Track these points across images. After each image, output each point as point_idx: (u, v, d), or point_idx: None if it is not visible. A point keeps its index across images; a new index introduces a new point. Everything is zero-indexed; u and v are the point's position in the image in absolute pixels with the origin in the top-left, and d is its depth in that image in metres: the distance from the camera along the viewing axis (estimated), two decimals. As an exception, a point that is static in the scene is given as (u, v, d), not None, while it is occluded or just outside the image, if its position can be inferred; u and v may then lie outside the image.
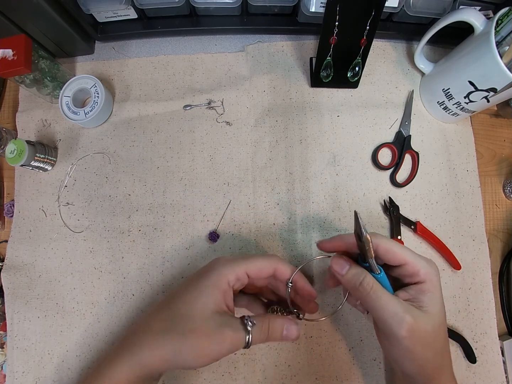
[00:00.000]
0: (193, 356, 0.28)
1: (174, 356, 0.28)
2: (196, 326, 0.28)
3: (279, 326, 0.31)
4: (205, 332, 0.28)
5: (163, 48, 0.48)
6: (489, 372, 0.41)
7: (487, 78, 0.37)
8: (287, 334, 0.31)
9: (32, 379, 0.39)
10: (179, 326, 0.29)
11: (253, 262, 0.32)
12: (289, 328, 0.31)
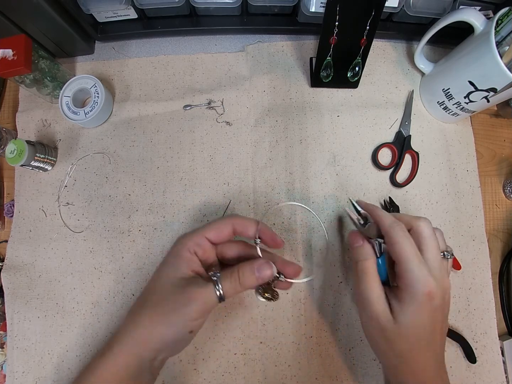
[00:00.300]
0: (165, 323, 0.28)
1: (151, 329, 0.28)
2: (163, 295, 0.29)
3: (248, 268, 0.30)
4: (171, 298, 0.29)
5: (163, 48, 0.48)
6: (489, 372, 0.41)
7: (487, 78, 0.37)
8: (259, 275, 0.30)
9: (32, 379, 0.39)
10: (149, 301, 0.30)
11: (210, 225, 0.32)
12: (260, 268, 0.30)
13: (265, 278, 0.30)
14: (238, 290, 0.30)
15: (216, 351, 0.40)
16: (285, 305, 0.41)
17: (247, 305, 0.41)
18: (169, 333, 0.28)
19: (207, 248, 0.32)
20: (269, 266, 0.30)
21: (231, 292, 0.29)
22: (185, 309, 0.28)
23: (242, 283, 0.29)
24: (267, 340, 0.40)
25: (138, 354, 0.29)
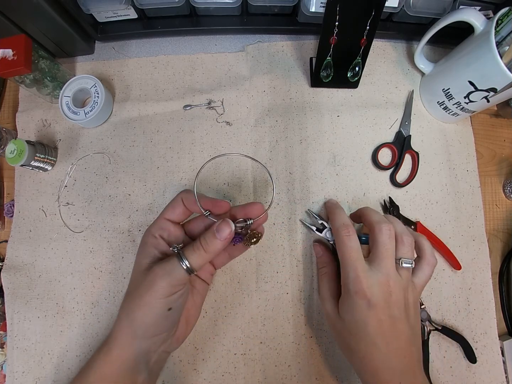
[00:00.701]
0: (141, 306, 0.29)
1: (132, 316, 0.29)
2: (136, 282, 0.31)
3: (209, 234, 0.30)
4: (141, 281, 0.30)
5: (163, 48, 0.48)
6: (489, 372, 0.41)
7: (487, 78, 0.37)
8: (220, 236, 0.29)
9: (32, 379, 0.39)
10: (127, 292, 0.32)
11: (167, 206, 0.33)
12: (219, 229, 0.30)
13: (227, 236, 0.30)
14: (205, 257, 0.29)
15: (216, 351, 0.40)
16: (285, 305, 0.41)
17: (247, 305, 0.41)
18: (147, 314, 0.29)
19: (171, 229, 0.32)
20: (227, 224, 0.30)
21: (199, 261, 0.29)
22: (154, 287, 0.28)
23: (207, 249, 0.29)
24: (267, 340, 0.40)
25: (129, 345, 0.30)
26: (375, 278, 0.32)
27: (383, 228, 0.33)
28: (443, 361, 0.40)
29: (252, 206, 0.33)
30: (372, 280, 0.31)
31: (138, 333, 0.29)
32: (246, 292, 0.41)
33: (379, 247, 0.33)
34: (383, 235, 0.33)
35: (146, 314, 0.29)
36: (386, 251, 0.33)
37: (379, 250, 0.33)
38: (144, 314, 0.29)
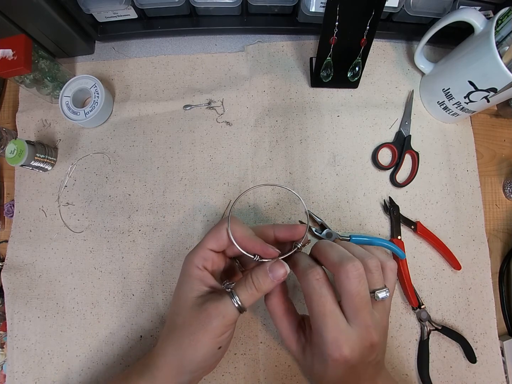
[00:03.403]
0: (193, 345, 0.28)
1: (182, 353, 0.29)
2: (185, 318, 0.29)
3: (262, 273, 0.29)
4: (193, 319, 0.29)
5: (163, 48, 0.48)
6: (489, 372, 0.41)
7: (487, 78, 0.37)
8: (274, 276, 0.29)
9: (32, 379, 0.39)
10: (174, 325, 0.30)
11: (209, 235, 0.32)
12: (272, 268, 0.29)
13: (280, 277, 0.29)
14: (257, 296, 0.29)
15: (216, 351, 0.40)
16: (285, 305, 0.41)
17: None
18: (198, 353, 0.28)
19: (214, 259, 0.32)
20: (282, 266, 0.29)
21: (250, 300, 0.29)
22: (207, 327, 0.28)
23: (259, 288, 0.29)
24: (267, 340, 0.40)
25: (174, 379, 0.29)
26: (355, 335, 0.27)
27: (350, 271, 0.27)
28: (443, 361, 0.40)
29: (295, 229, 0.32)
30: (353, 340, 0.27)
31: (186, 369, 0.29)
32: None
33: (352, 298, 0.27)
34: (352, 281, 0.27)
35: (197, 352, 0.28)
36: (361, 299, 0.28)
37: (353, 301, 0.27)
38: (195, 351, 0.28)
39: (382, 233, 0.43)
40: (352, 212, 0.43)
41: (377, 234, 0.43)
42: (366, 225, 0.43)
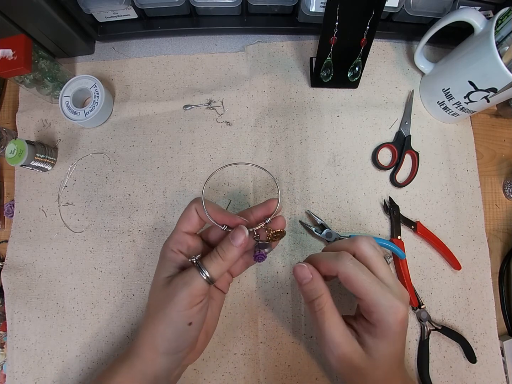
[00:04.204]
0: (162, 320, 0.28)
1: (153, 331, 0.29)
2: (155, 297, 0.30)
3: (225, 242, 0.30)
4: (161, 296, 0.29)
5: (163, 48, 0.48)
6: (489, 372, 0.41)
7: (487, 78, 0.37)
8: (235, 242, 0.29)
9: (32, 379, 0.39)
10: (148, 307, 0.32)
11: (181, 217, 0.32)
12: (234, 236, 0.29)
13: (242, 242, 0.29)
14: (224, 265, 0.29)
15: (216, 351, 0.40)
16: (285, 305, 0.41)
17: (247, 305, 0.41)
18: (168, 330, 0.28)
19: (189, 242, 0.32)
20: (241, 231, 0.29)
21: (218, 270, 0.29)
22: (174, 299, 0.28)
23: (224, 257, 0.29)
24: (267, 340, 0.40)
25: (152, 362, 0.29)
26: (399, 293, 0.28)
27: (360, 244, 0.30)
28: (443, 361, 0.40)
29: (263, 206, 0.33)
30: (401, 297, 0.28)
31: (160, 349, 0.29)
32: (246, 292, 0.41)
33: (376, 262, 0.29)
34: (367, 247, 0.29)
35: (167, 328, 0.28)
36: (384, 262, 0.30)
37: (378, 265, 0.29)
38: (166, 328, 0.28)
39: (382, 233, 0.43)
40: (352, 212, 0.43)
41: (377, 234, 0.43)
42: (366, 225, 0.43)
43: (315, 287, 0.30)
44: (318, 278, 0.30)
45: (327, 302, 0.29)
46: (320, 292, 0.29)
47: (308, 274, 0.30)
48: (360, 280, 0.27)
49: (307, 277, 0.30)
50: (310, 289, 0.30)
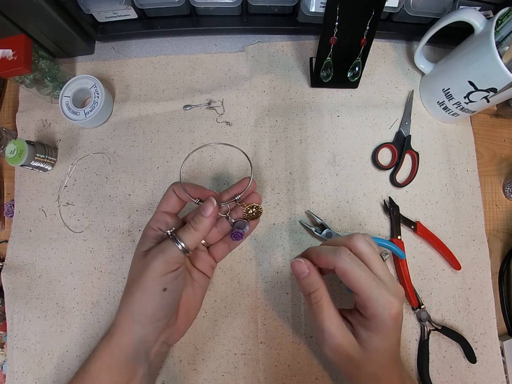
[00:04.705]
0: (138, 288, 0.30)
1: (130, 299, 0.30)
2: (133, 270, 0.32)
3: (197, 214, 0.32)
4: (138, 266, 0.31)
5: (163, 48, 0.48)
6: (489, 372, 0.41)
7: (487, 78, 0.37)
8: (205, 213, 0.31)
9: (32, 379, 0.39)
10: (127, 280, 0.33)
11: (162, 198, 0.35)
12: (204, 208, 0.32)
13: (211, 212, 0.32)
14: (197, 235, 0.31)
15: (216, 351, 0.40)
16: (285, 305, 0.41)
17: (247, 305, 0.41)
18: (144, 295, 0.30)
19: (168, 221, 0.33)
20: (210, 202, 0.32)
21: (191, 240, 0.31)
22: (150, 265, 0.29)
23: (196, 228, 0.31)
24: (267, 340, 0.40)
25: (129, 331, 0.30)
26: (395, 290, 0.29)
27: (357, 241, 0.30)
28: (443, 361, 0.40)
29: (238, 185, 0.35)
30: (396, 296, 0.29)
31: (136, 318, 0.30)
32: (246, 292, 0.41)
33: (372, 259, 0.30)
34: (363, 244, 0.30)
35: (143, 295, 0.30)
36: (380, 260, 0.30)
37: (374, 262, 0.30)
38: (142, 295, 0.30)
39: (382, 233, 0.43)
40: (352, 212, 0.43)
41: (377, 234, 0.43)
42: (366, 225, 0.43)
43: (311, 281, 0.31)
44: (315, 272, 0.31)
45: (324, 296, 0.30)
46: (317, 286, 0.31)
47: (305, 268, 0.31)
48: (357, 275, 0.28)
49: (304, 271, 0.31)
50: (307, 283, 0.31)
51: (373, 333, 0.29)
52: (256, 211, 0.36)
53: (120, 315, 0.31)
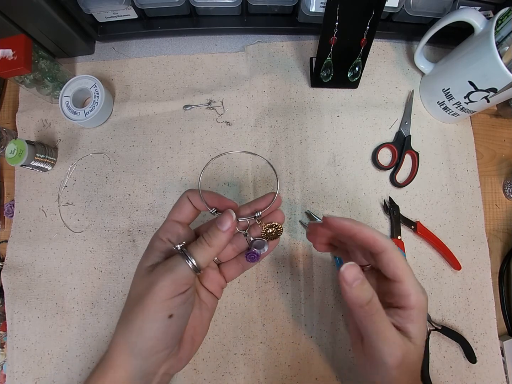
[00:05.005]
0: (137, 315, 0.25)
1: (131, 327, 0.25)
2: (134, 288, 0.28)
3: (212, 228, 0.28)
4: (140, 285, 0.27)
5: (163, 48, 0.48)
6: (489, 372, 0.41)
7: (487, 78, 0.37)
8: (222, 227, 0.27)
9: (32, 379, 0.39)
10: (126, 300, 0.29)
11: (173, 207, 0.30)
12: (221, 221, 0.28)
13: (229, 226, 0.27)
14: (210, 252, 0.27)
15: (216, 351, 0.40)
16: (285, 305, 0.41)
17: (247, 305, 0.41)
18: (145, 323, 0.25)
19: (180, 232, 0.29)
20: (228, 215, 0.28)
21: (204, 257, 0.27)
22: (154, 288, 0.25)
23: (210, 243, 0.27)
24: (267, 340, 0.40)
25: (125, 366, 0.26)
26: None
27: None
28: (443, 361, 0.40)
29: (261, 200, 0.31)
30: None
31: (135, 350, 0.25)
32: (246, 292, 0.41)
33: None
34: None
35: (145, 322, 0.25)
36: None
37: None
38: (143, 322, 0.25)
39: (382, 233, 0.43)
40: (352, 212, 0.43)
41: (377, 234, 0.43)
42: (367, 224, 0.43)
43: (367, 287, 0.26)
44: (365, 276, 0.26)
45: (379, 305, 0.26)
46: (372, 293, 0.26)
47: (358, 274, 0.25)
48: (404, 262, 0.27)
49: (359, 277, 0.25)
50: (362, 290, 0.25)
51: (418, 323, 0.27)
52: (275, 231, 0.31)
53: (116, 345, 0.26)
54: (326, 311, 0.41)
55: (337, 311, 0.41)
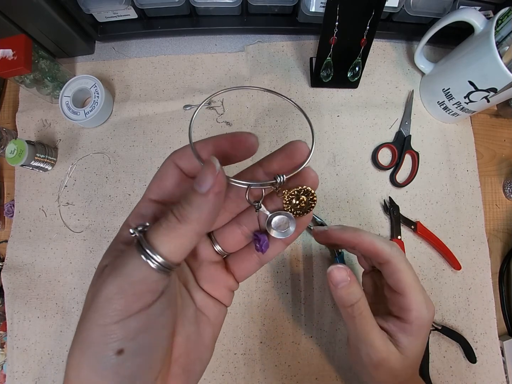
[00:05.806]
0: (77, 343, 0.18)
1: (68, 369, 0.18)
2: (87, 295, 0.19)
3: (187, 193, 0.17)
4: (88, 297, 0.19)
5: (163, 48, 0.48)
6: (489, 372, 0.41)
7: (487, 78, 0.37)
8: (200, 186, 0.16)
9: (32, 379, 0.39)
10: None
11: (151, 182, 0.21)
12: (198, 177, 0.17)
13: (211, 184, 0.16)
14: (185, 234, 0.16)
15: (216, 351, 0.39)
16: (285, 305, 0.41)
17: (247, 305, 0.41)
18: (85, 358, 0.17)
19: (156, 213, 0.20)
20: (210, 166, 0.16)
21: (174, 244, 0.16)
22: (96, 303, 0.16)
23: (183, 218, 0.16)
24: (267, 340, 0.40)
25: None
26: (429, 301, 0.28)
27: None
28: (443, 361, 0.40)
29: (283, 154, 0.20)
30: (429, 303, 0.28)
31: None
32: (246, 292, 0.41)
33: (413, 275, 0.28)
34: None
35: (83, 357, 0.17)
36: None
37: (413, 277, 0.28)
38: (81, 355, 0.17)
39: (382, 233, 0.43)
40: (352, 212, 0.43)
41: (377, 234, 0.43)
42: (366, 225, 0.43)
43: (353, 291, 0.26)
44: (355, 280, 0.26)
45: (366, 305, 0.26)
46: (359, 295, 0.26)
47: (346, 276, 0.26)
48: (410, 276, 0.26)
49: (346, 279, 0.26)
50: (348, 292, 0.26)
51: (414, 337, 0.27)
52: (307, 201, 0.20)
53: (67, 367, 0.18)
54: (326, 311, 0.41)
55: (337, 311, 0.41)
